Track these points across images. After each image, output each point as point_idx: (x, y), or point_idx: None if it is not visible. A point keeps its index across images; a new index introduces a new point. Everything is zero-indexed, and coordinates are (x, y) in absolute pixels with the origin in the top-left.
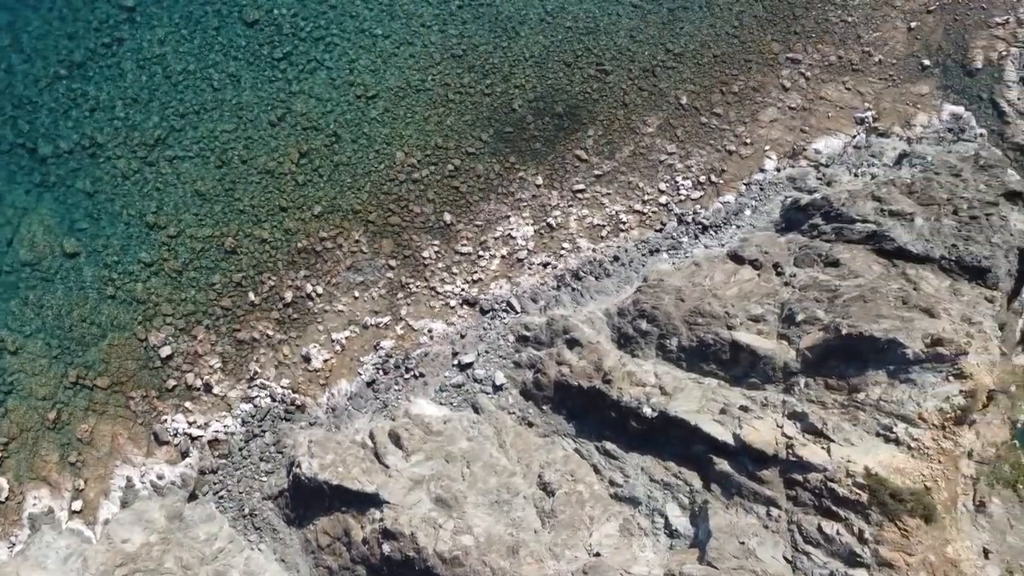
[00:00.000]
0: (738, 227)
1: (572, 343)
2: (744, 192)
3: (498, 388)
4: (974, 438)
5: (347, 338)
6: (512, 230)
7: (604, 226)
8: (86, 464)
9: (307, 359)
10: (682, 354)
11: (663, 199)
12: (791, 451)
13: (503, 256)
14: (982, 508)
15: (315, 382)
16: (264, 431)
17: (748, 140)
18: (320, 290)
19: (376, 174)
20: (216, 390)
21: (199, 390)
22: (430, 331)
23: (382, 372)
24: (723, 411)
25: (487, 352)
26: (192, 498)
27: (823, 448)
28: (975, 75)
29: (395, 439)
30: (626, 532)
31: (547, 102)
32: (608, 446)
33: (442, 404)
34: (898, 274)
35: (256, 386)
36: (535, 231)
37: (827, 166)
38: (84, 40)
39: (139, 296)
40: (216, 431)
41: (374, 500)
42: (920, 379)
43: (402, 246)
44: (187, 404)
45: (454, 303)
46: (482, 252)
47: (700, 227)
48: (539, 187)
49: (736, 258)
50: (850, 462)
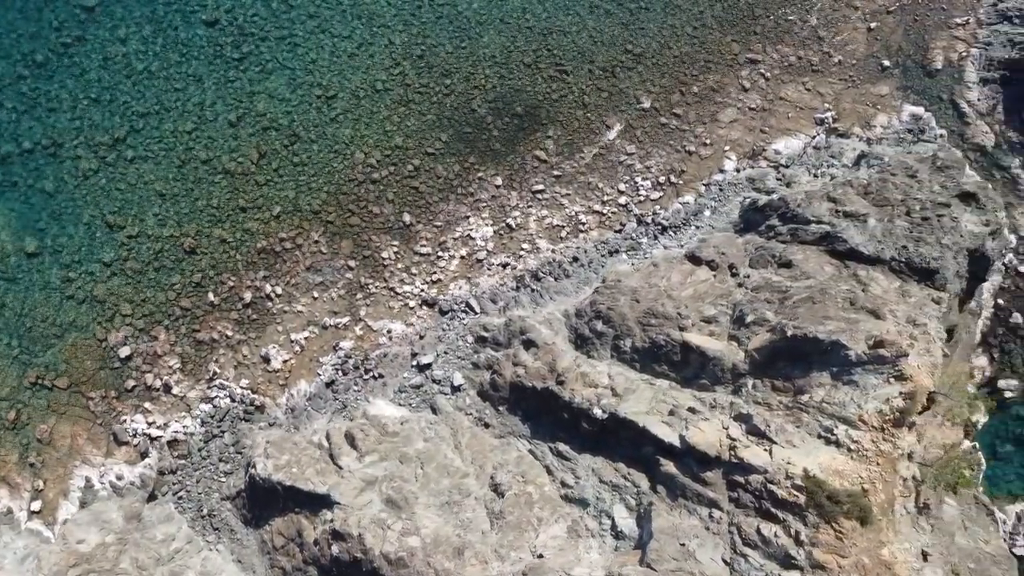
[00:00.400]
0: (697, 228)
1: (528, 344)
2: (704, 193)
3: (456, 389)
4: (914, 440)
5: (306, 339)
6: (471, 231)
7: (563, 227)
8: (45, 464)
9: (266, 359)
10: (635, 355)
11: (622, 200)
12: (734, 453)
13: (462, 257)
14: (926, 510)
15: (274, 383)
16: (223, 431)
17: (708, 141)
18: (279, 291)
19: (336, 175)
20: (175, 390)
21: (158, 390)
22: (389, 332)
23: (341, 373)
24: (672, 412)
25: (446, 353)
26: (151, 498)
27: (765, 450)
28: (935, 76)
29: (350, 440)
30: (574, 533)
31: (507, 102)
32: (561, 447)
33: (401, 405)
34: (849, 275)
35: (215, 386)
36: (494, 232)
37: (787, 167)
38: (45, 40)
39: (99, 296)
40: (175, 431)
41: (326, 501)
42: (862, 381)
43: (361, 247)
44: (146, 404)
45: (413, 304)
46: (441, 253)
47: (659, 228)
48: (498, 187)
49: (693, 259)
50: (790, 464)
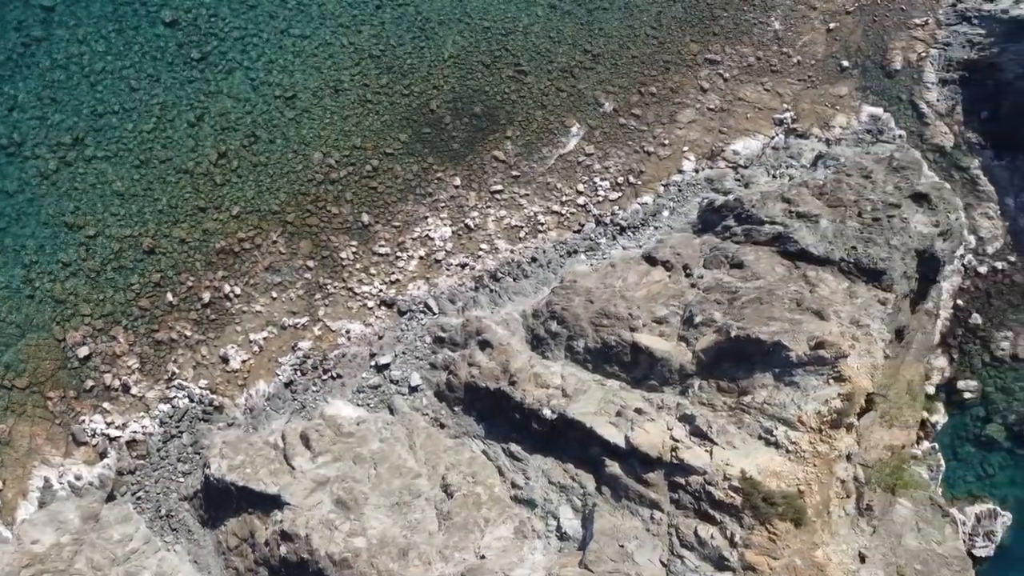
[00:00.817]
0: (656, 228)
1: (484, 344)
2: (662, 193)
3: (413, 389)
4: (852, 441)
5: (265, 339)
6: (430, 231)
7: (522, 227)
8: (4, 464)
9: (225, 360)
10: (588, 356)
11: (581, 200)
12: (675, 454)
13: (421, 257)
14: (868, 511)
15: (233, 383)
16: (182, 432)
17: (666, 141)
18: (238, 291)
19: (294, 175)
20: (134, 391)
21: (117, 390)
22: (348, 332)
23: (300, 373)
24: (619, 413)
25: (404, 353)
26: (110, 499)
27: (706, 451)
28: (894, 76)
29: (305, 440)
30: (520, 534)
31: (465, 103)
32: (514, 448)
33: (359, 405)
34: (799, 276)
35: (174, 387)
36: (453, 232)
37: (745, 167)
38: (3, 39)
39: (58, 296)
40: (134, 432)
41: (276, 501)
42: (803, 382)
43: (320, 247)
44: (105, 405)
45: (372, 304)
46: (400, 253)
47: (618, 228)
48: (457, 188)
49: (650, 260)
50: (728, 465)
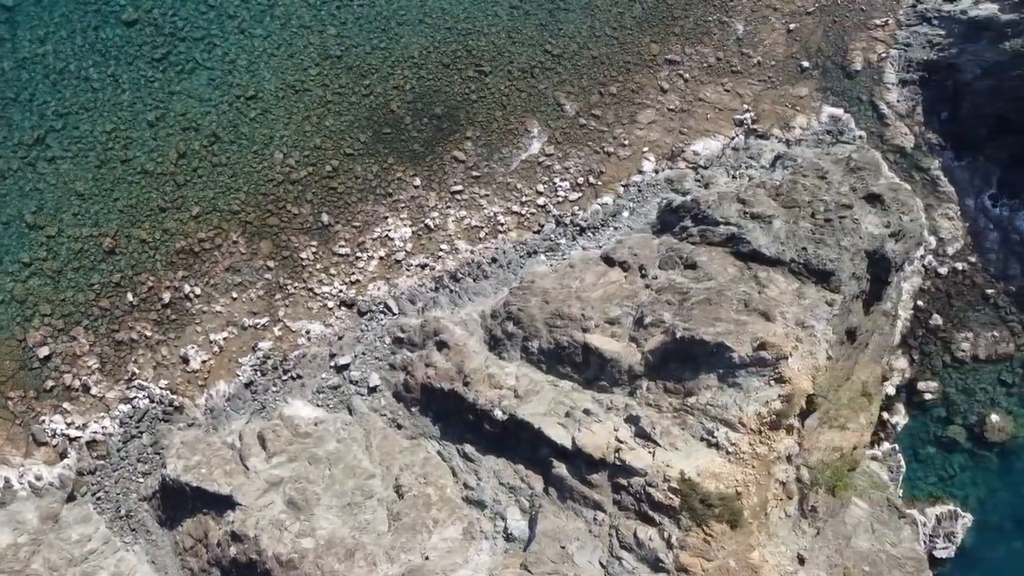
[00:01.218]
0: (616, 229)
1: (441, 345)
2: (622, 194)
3: (372, 390)
4: (793, 443)
5: (225, 339)
6: (390, 231)
7: (482, 227)
8: None
9: (185, 360)
10: (542, 356)
11: (541, 201)
12: (618, 455)
13: (381, 257)
14: (813, 512)
15: (193, 383)
16: (142, 432)
17: (626, 142)
18: (198, 291)
19: (254, 175)
20: (94, 391)
21: (77, 391)
22: (308, 332)
23: (260, 373)
24: (568, 414)
25: (364, 354)
26: (71, 499)
27: (650, 452)
28: (854, 77)
29: (261, 441)
30: (468, 535)
31: (426, 103)
32: (467, 449)
33: (319, 406)
34: (750, 277)
35: (134, 387)
36: (413, 232)
37: (705, 168)
38: None
39: (18, 296)
40: (94, 432)
41: (229, 502)
42: (746, 383)
43: (280, 247)
44: (65, 405)
45: (332, 304)
46: (360, 253)
47: (578, 229)
48: (417, 188)
49: (608, 260)
50: (668, 467)
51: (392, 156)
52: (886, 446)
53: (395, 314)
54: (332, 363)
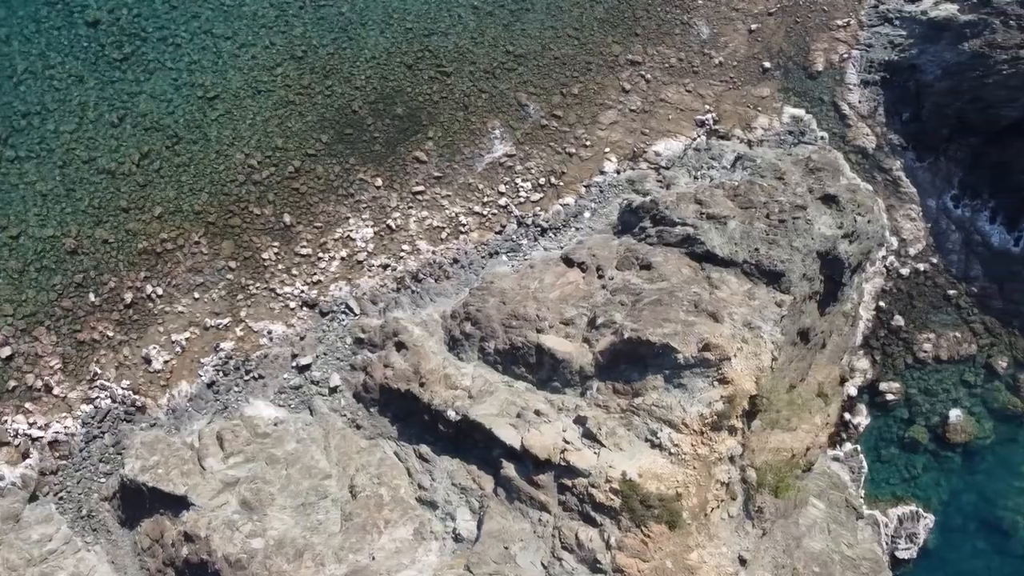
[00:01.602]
0: (577, 229)
1: (399, 346)
2: (584, 194)
3: (333, 390)
4: (735, 444)
5: (187, 339)
6: (352, 232)
7: (444, 228)
8: None
9: (148, 360)
10: (498, 357)
11: (503, 201)
12: (563, 456)
13: (343, 258)
14: (759, 513)
15: (156, 383)
16: (104, 432)
17: (588, 142)
18: (160, 291)
19: (217, 175)
20: (57, 391)
21: (39, 391)
22: (270, 333)
23: (222, 374)
24: (519, 415)
25: (325, 354)
26: (33, 499)
27: (595, 453)
28: (816, 78)
29: (220, 441)
30: (419, 536)
31: (387, 104)
32: (424, 449)
33: (280, 406)
34: (703, 278)
35: (97, 387)
36: (375, 233)
37: (667, 168)
38: None
39: None
40: (56, 432)
41: (184, 502)
42: (690, 384)
43: (242, 247)
44: (27, 405)
45: (294, 305)
46: (322, 254)
47: (539, 229)
48: (379, 189)
49: (567, 261)
50: (611, 468)
51: (354, 157)
52: (848, 447)
53: (357, 314)
54: (294, 363)
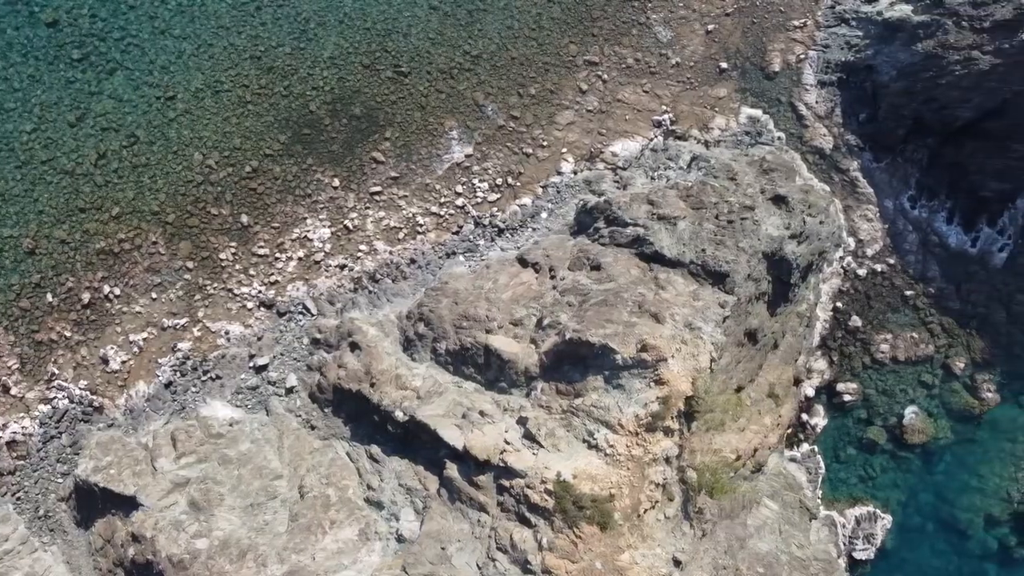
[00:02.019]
0: (534, 230)
1: (354, 346)
2: (541, 195)
3: (289, 391)
4: (671, 445)
5: (145, 340)
6: (309, 232)
7: (401, 228)
8: None
9: (105, 360)
10: (449, 358)
11: (460, 202)
12: (502, 457)
13: (300, 258)
14: (699, 514)
15: (113, 384)
16: (62, 432)
17: (545, 143)
18: (118, 291)
19: (174, 176)
20: (14, 391)
21: None
22: (227, 333)
23: (179, 374)
24: (464, 416)
25: (282, 355)
26: None
27: (534, 454)
28: (773, 78)
29: (173, 441)
30: (364, 536)
31: (345, 104)
32: (374, 450)
33: (238, 406)
34: (651, 278)
35: (54, 387)
36: (332, 233)
37: (624, 169)
38: None
39: None
40: (14, 432)
41: (133, 503)
42: (628, 385)
43: (200, 248)
44: None
45: (251, 305)
46: (279, 254)
47: (496, 230)
48: (336, 189)
49: (522, 261)
50: (547, 468)
51: (311, 157)
52: (805, 447)
53: (314, 315)
54: (251, 364)
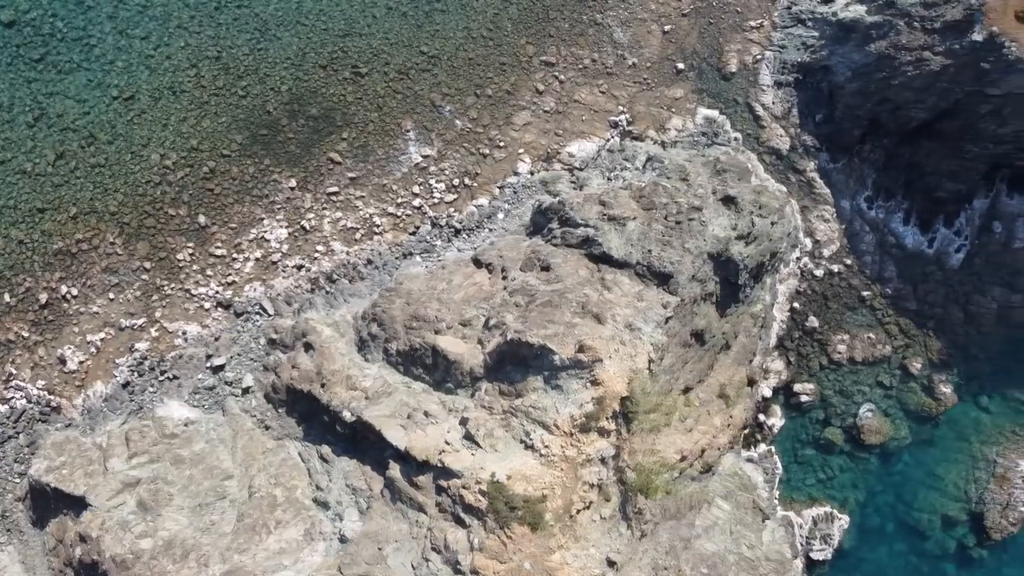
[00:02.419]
0: (491, 230)
1: (308, 346)
2: (497, 195)
3: (246, 391)
4: (606, 445)
5: (102, 340)
6: (266, 233)
7: (358, 229)
8: None
9: (63, 361)
10: (399, 358)
11: (417, 202)
12: (440, 457)
13: (257, 259)
14: (639, 515)
15: (71, 384)
16: (19, 432)
17: (502, 143)
18: (75, 292)
19: (132, 176)
20: None
21: None
22: (185, 333)
23: (137, 374)
24: (409, 416)
25: (239, 355)
26: None
27: (472, 455)
28: (730, 79)
29: (126, 441)
30: (308, 537)
31: (302, 104)
32: (325, 450)
33: (195, 406)
34: (598, 279)
35: (12, 387)
36: (289, 233)
37: (581, 170)
38: None
39: None
40: None
41: (83, 503)
42: (566, 386)
43: (157, 248)
44: None
45: (208, 305)
46: (236, 255)
47: (453, 230)
48: (293, 189)
49: (477, 262)
50: (482, 469)
51: (268, 157)
52: (762, 448)
53: (271, 315)
54: (208, 364)
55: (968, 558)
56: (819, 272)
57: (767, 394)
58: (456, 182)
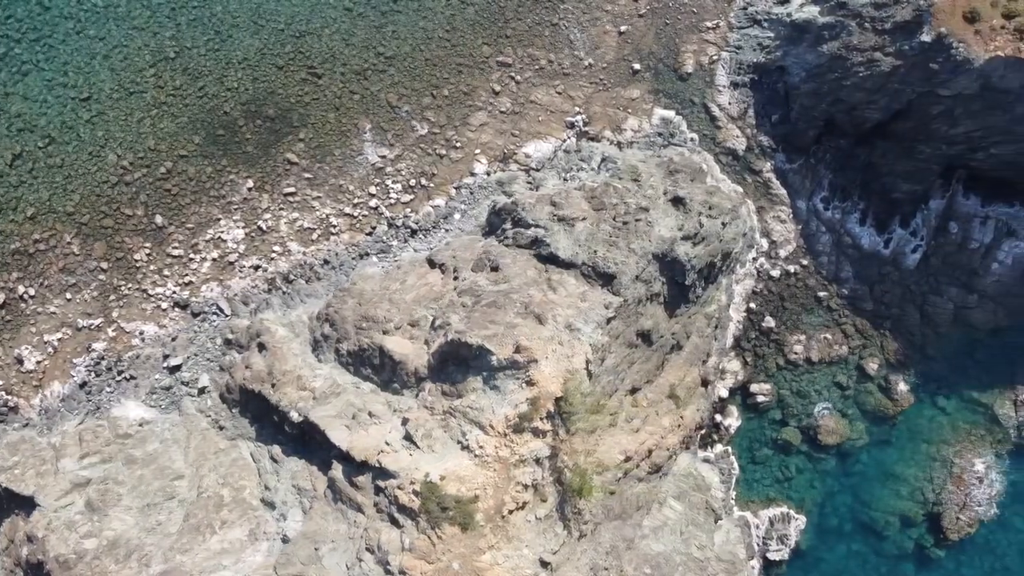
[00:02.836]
0: (447, 231)
1: (261, 347)
2: (454, 196)
3: (202, 391)
4: (541, 445)
5: (60, 340)
6: (223, 233)
7: (315, 229)
8: None
9: (20, 361)
10: (349, 358)
11: (373, 203)
12: (378, 458)
13: (214, 259)
14: (577, 515)
15: (28, 384)
16: None
17: (458, 144)
18: (33, 292)
19: (89, 176)
20: None
21: None
22: (142, 333)
23: (94, 374)
24: (354, 417)
25: (196, 355)
26: None
27: (410, 455)
28: (687, 79)
29: (80, 441)
30: (253, 537)
31: (259, 105)
32: (275, 450)
33: (152, 406)
34: (545, 279)
35: None
36: (246, 234)
37: (537, 170)
38: None
39: None
40: None
41: (32, 503)
42: (503, 386)
43: (114, 248)
44: None
45: (166, 306)
46: (193, 255)
47: (410, 231)
48: (250, 190)
49: (431, 262)
50: (417, 469)
51: (225, 158)
52: (719, 448)
53: (228, 315)
54: (165, 364)
55: (926, 558)
56: (776, 272)
57: (724, 394)
58: (413, 182)
